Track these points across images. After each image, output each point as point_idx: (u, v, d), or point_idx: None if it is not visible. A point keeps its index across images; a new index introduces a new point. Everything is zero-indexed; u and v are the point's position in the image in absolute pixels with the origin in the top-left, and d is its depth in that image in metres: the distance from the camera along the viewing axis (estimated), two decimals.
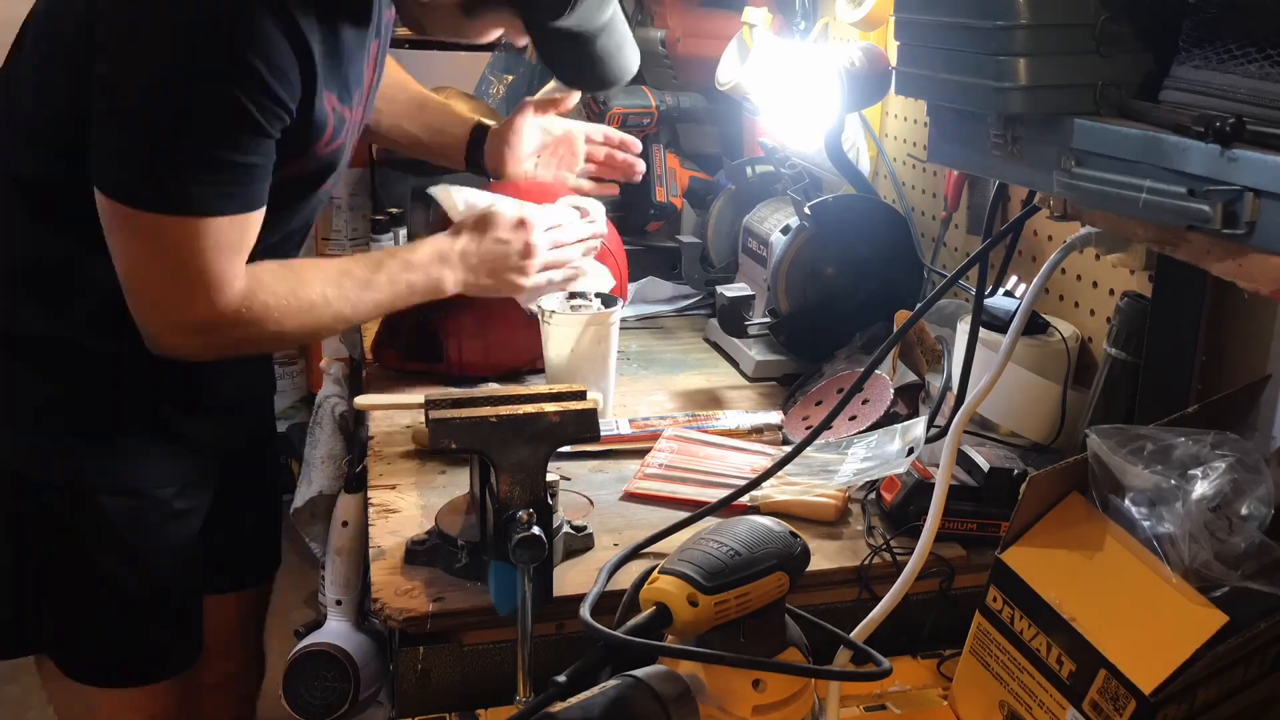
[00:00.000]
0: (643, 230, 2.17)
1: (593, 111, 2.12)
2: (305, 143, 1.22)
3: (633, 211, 2.17)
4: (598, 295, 1.53)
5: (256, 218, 1.19)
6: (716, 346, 1.85)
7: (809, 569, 0.92)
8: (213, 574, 1.50)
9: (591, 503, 1.29)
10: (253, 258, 1.22)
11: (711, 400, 1.64)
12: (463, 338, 1.61)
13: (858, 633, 1.00)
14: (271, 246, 1.27)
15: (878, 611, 1.01)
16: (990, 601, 0.99)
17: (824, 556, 1.18)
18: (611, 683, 0.83)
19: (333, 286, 1.29)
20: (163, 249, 1.15)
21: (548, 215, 1.48)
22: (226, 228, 1.16)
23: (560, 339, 1.49)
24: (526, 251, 1.44)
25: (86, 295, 1.25)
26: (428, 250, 1.40)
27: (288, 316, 1.24)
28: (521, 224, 1.44)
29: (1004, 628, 0.98)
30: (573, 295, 1.52)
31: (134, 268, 1.17)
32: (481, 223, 1.44)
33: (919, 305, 1.20)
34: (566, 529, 1.17)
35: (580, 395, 1.11)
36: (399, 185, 2.32)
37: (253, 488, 1.62)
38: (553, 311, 1.49)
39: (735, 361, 1.77)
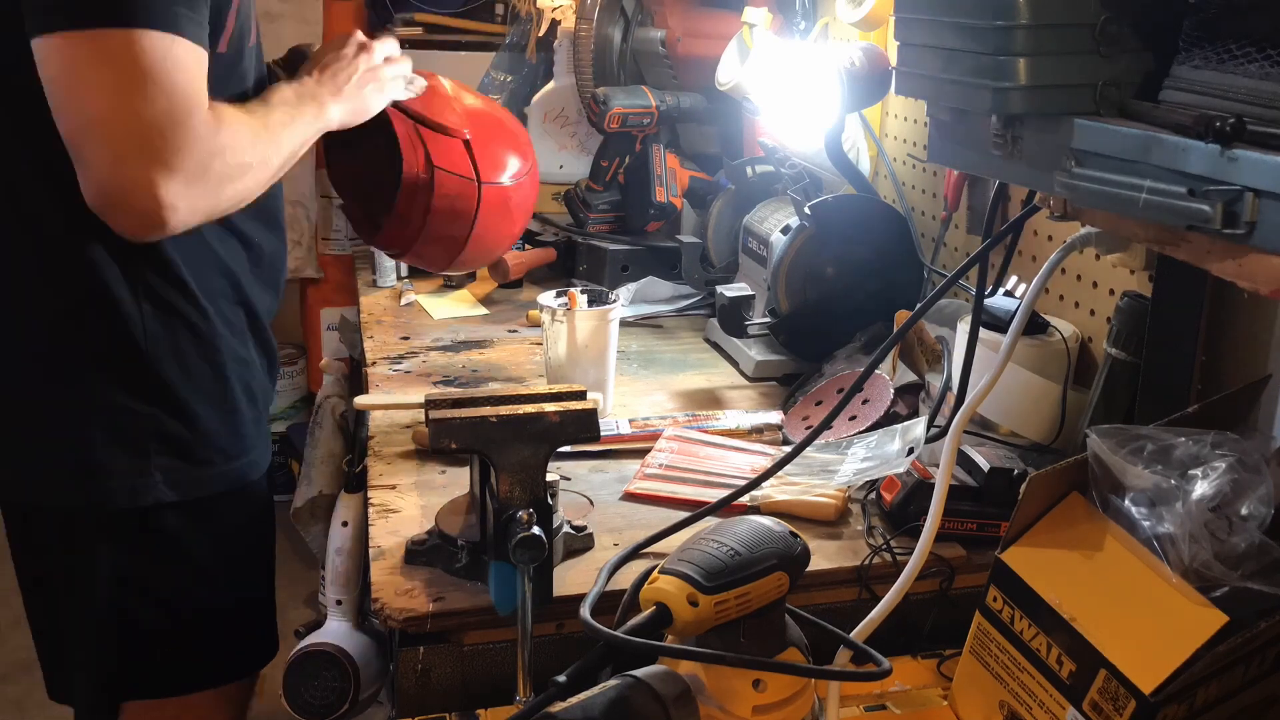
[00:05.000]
0: (643, 230, 2.17)
1: (593, 111, 2.12)
2: (219, 19, 1.20)
3: (633, 211, 2.18)
4: (586, 293, 1.53)
5: (205, 57, 1.14)
6: (716, 346, 1.85)
7: (809, 569, 0.92)
8: None
9: (591, 503, 1.29)
10: None
11: (711, 400, 1.64)
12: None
13: (858, 633, 1.00)
14: None
15: (878, 611, 1.01)
16: (990, 601, 0.99)
17: (824, 556, 1.18)
18: (611, 683, 0.83)
19: (254, 116, 1.22)
20: (135, 73, 1.07)
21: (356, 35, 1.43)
22: (189, 52, 1.11)
23: (560, 337, 1.50)
24: (366, 50, 1.39)
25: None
26: (290, 87, 1.31)
27: (245, 142, 1.17)
28: (347, 37, 1.40)
29: (1004, 628, 0.98)
30: (564, 294, 1.52)
31: (104, 104, 1.07)
32: (315, 59, 1.38)
33: (919, 305, 1.20)
34: (566, 529, 1.17)
35: (580, 395, 1.11)
36: None
37: None
38: (553, 310, 1.49)
39: (735, 361, 1.77)
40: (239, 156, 1.16)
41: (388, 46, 1.43)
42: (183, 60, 1.09)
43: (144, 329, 1.24)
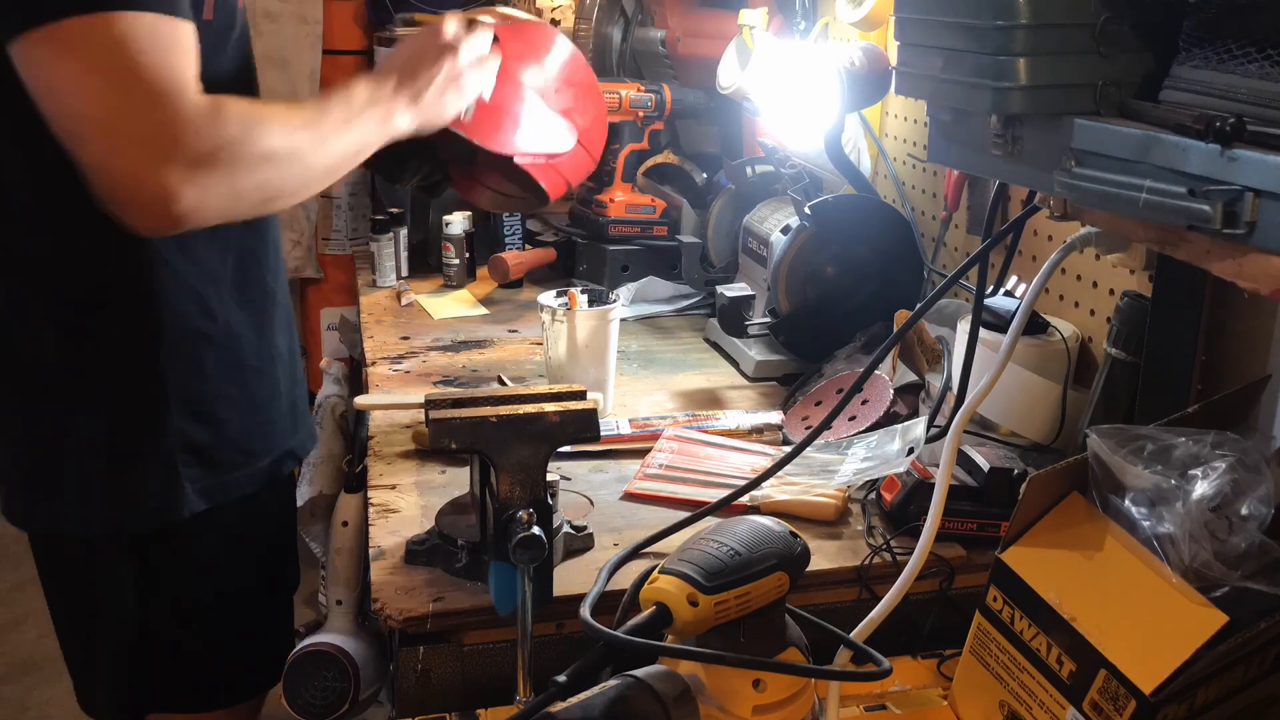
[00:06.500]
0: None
1: None
2: None
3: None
4: (586, 293, 1.53)
5: (189, 30, 1.05)
6: (716, 346, 1.85)
7: (809, 569, 0.92)
8: None
9: (591, 503, 1.29)
10: None
11: (711, 400, 1.64)
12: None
13: (858, 633, 1.00)
14: None
15: (878, 611, 1.01)
16: (990, 601, 0.99)
17: (824, 556, 1.18)
18: (611, 683, 0.83)
19: (292, 110, 1.13)
20: (106, 62, 0.99)
21: (447, 27, 1.30)
22: (162, 26, 1.02)
23: (560, 337, 1.50)
24: (452, 52, 1.27)
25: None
26: (364, 87, 1.21)
27: (266, 129, 1.07)
28: (434, 32, 1.28)
29: (1004, 628, 0.98)
30: (564, 294, 1.51)
31: (82, 100, 1.00)
32: (397, 53, 1.28)
33: (919, 305, 1.20)
34: (566, 529, 1.17)
35: (580, 395, 1.11)
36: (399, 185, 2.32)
37: None
38: (554, 310, 1.49)
39: (735, 361, 1.77)
40: (258, 145, 1.05)
41: (478, 45, 1.31)
42: (154, 39, 1.01)
43: (160, 343, 1.19)
